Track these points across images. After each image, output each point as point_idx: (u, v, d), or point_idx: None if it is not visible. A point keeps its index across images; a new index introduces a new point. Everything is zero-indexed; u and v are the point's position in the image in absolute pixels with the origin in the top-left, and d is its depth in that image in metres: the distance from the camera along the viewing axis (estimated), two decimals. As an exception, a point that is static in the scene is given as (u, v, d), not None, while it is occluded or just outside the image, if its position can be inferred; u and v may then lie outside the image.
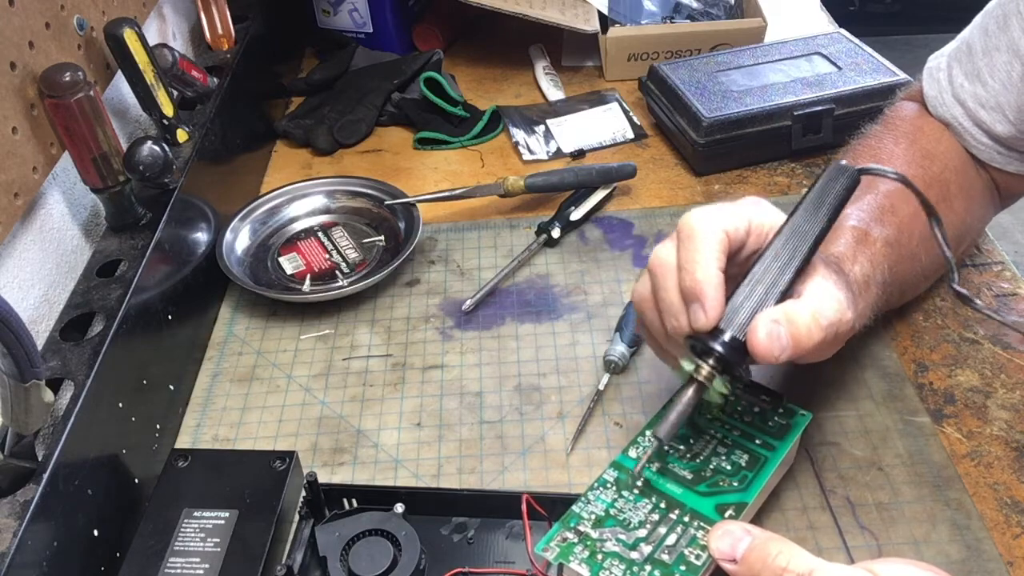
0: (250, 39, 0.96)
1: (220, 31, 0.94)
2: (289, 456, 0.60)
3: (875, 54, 0.94)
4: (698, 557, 0.48)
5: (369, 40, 1.13)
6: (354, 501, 0.58)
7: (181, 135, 0.78)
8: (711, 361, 0.49)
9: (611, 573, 0.47)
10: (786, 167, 0.91)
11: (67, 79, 0.62)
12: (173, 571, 0.53)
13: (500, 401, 0.68)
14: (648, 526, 0.50)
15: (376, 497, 0.58)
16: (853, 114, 0.87)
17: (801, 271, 0.49)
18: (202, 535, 0.55)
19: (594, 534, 0.49)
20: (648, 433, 0.55)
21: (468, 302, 0.76)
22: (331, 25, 1.15)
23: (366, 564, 0.53)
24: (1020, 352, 0.68)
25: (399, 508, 0.56)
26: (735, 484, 0.52)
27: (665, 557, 0.48)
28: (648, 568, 0.48)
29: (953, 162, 0.68)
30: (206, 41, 0.95)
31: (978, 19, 0.68)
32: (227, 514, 0.56)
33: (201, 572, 0.53)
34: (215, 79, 0.87)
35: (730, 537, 0.44)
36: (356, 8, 1.11)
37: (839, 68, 0.92)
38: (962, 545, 0.56)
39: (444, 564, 0.56)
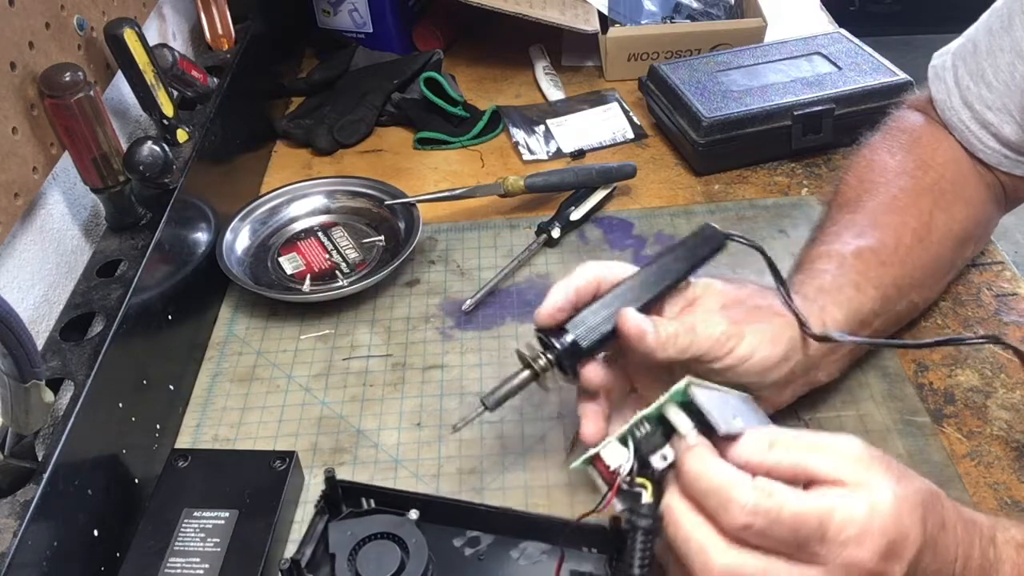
0: (250, 39, 0.96)
1: (220, 31, 0.94)
2: (289, 456, 0.60)
3: (875, 54, 0.94)
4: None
5: (369, 40, 1.13)
6: (372, 501, 0.57)
7: (181, 135, 0.78)
8: (550, 355, 0.55)
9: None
10: (786, 167, 0.90)
11: (67, 79, 0.62)
12: (173, 571, 0.53)
13: (500, 401, 0.68)
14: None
15: (394, 500, 0.57)
16: (853, 114, 0.87)
17: (652, 304, 0.55)
18: (202, 535, 0.55)
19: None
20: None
21: (468, 302, 0.76)
22: (331, 25, 1.15)
23: (373, 567, 0.53)
24: (1020, 352, 0.67)
25: (413, 515, 0.55)
26: None
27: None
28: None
29: (950, 171, 0.68)
30: (206, 41, 0.95)
31: (984, 17, 0.69)
32: (227, 514, 0.56)
33: (201, 572, 0.53)
34: (215, 79, 0.87)
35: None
36: (356, 8, 1.11)
37: (839, 68, 0.92)
38: (962, 545, 0.55)
39: (451, 576, 0.55)
